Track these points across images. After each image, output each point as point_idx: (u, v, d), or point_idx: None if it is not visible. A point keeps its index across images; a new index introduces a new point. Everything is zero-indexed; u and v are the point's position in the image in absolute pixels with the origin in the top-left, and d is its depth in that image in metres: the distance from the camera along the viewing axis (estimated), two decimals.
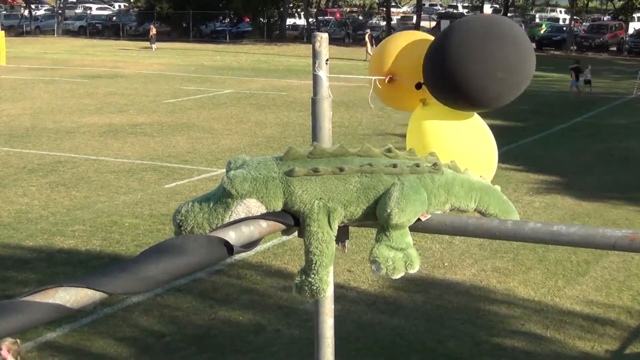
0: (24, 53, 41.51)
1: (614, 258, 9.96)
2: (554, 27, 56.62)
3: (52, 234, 10.61)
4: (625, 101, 26.83)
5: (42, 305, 1.64)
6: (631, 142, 18.52)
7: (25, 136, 17.79)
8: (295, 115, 21.57)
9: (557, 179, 14.61)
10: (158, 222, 11.15)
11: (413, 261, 2.39)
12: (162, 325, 7.91)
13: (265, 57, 43.12)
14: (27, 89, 26.61)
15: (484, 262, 9.86)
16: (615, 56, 47.29)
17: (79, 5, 74.28)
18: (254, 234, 2.24)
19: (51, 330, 7.57)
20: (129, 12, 66.21)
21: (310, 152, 2.41)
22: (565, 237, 2.21)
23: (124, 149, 16.57)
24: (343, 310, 8.02)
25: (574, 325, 8.11)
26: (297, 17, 62.71)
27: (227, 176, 2.33)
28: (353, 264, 9.45)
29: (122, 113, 21.63)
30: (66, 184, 13.35)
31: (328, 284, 2.39)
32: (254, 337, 7.67)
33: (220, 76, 32.15)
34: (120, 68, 34.85)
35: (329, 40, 2.73)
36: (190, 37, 56.25)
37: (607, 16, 67.99)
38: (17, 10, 67.92)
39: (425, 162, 2.50)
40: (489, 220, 2.37)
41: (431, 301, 8.63)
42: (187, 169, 14.71)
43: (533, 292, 8.96)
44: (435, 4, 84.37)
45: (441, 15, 65.40)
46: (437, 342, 7.67)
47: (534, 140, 17.37)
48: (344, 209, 2.37)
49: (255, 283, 9.06)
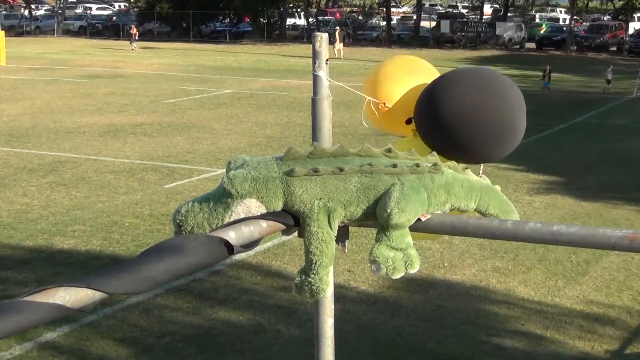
0: (24, 53, 41.52)
1: (614, 258, 9.96)
2: (554, 27, 56.68)
3: (52, 234, 10.61)
4: (625, 101, 26.84)
5: (42, 305, 1.64)
6: (631, 142, 18.53)
7: (25, 136, 17.80)
8: (295, 115, 21.57)
9: (557, 179, 14.61)
10: (158, 222, 11.15)
11: (413, 261, 2.39)
12: (162, 325, 7.91)
13: (265, 57, 43.13)
14: (27, 89, 26.62)
15: (484, 262, 9.87)
16: (615, 56, 47.29)
17: (79, 5, 74.31)
18: (254, 234, 2.24)
19: (51, 330, 7.58)
20: (129, 12, 66.22)
21: (310, 152, 2.41)
22: (565, 237, 2.21)
23: (124, 149, 16.58)
24: (343, 310, 8.02)
25: (574, 325, 8.11)
26: (297, 17, 62.75)
27: (227, 176, 2.33)
28: (353, 264, 9.45)
29: (122, 113, 21.64)
30: (66, 184, 13.36)
31: (328, 284, 2.39)
32: (254, 337, 7.67)
33: (220, 76, 32.16)
34: (120, 68, 34.86)
35: (329, 40, 2.73)
36: (190, 37, 56.27)
37: (607, 16, 68.02)
38: (17, 10, 67.93)
39: (425, 162, 2.50)
40: (489, 220, 2.37)
41: (431, 301, 8.63)
42: (187, 169, 14.72)
43: (533, 292, 8.96)
44: (435, 4, 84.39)
45: (441, 15, 65.42)
46: (437, 342, 7.67)
47: (534, 140, 17.37)
48: (344, 209, 2.37)
49: (255, 283, 9.06)
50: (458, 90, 2.74)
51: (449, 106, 2.70)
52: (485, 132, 2.70)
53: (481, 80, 2.81)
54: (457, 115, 2.68)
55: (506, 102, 2.76)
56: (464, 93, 2.72)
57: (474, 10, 69.12)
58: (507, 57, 43.86)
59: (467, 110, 2.68)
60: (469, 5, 73.16)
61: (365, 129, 19.95)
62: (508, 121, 2.75)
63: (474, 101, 2.69)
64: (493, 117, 2.71)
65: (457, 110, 2.69)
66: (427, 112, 2.78)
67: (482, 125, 2.69)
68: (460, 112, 2.68)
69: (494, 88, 2.78)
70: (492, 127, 2.71)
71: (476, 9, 67.22)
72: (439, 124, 2.71)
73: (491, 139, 2.74)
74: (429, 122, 2.78)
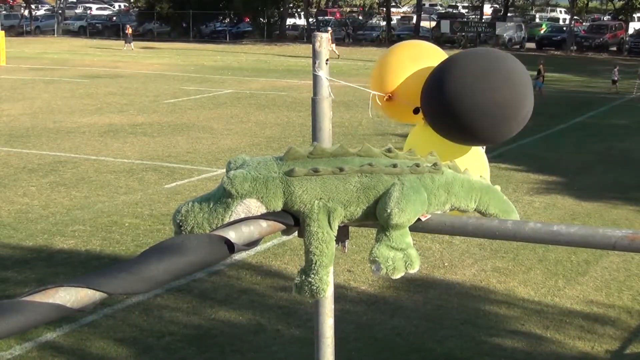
0: (24, 53, 41.52)
1: (614, 258, 9.96)
2: (554, 27, 56.68)
3: (52, 234, 10.61)
4: (625, 101, 26.84)
5: (42, 305, 1.64)
6: (631, 142, 18.53)
7: (25, 136, 17.79)
8: (295, 115, 21.57)
9: (557, 179, 14.61)
10: (158, 222, 11.15)
11: (413, 261, 2.39)
12: (162, 325, 7.91)
13: (265, 57, 43.13)
14: (27, 89, 26.62)
15: (484, 262, 9.86)
16: (615, 56, 47.28)
17: (79, 5, 74.34)
18: (254, 234, 2.24)
19: (51, 330, 7.57)
20: (129, 12, 66.24)
21: (310, 152, 2.41)
22: (565, 237, 2.21)
23: (124, 149, 16.58)
24: (343, 310, 8.02)
25: (574, 325, 8.11)
26: (297, 17, 62.75)
27: (227, 176, 2.33)
28: (353, 264, 9.45)
29: (122, 113, 21.64)
30: (66, 184, 13.36)
31: (328, 284, 2.39)
32: (254, 337, 7.67)
33: (220, 76, 32.16)
34: (120, 68, 34.86)
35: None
36: (190, 37, 56.28)
37: (607, 16, 68.03)
38: (17, 10, 67.93)
39: (425, 162, 2.50)
40: (489, 220, 2.37)
41: (431, 301, 8.63)
42: (187, 169, 14.72)
43: (533, 292, 8.96)
44: (435, 4, 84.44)
45: (441, 15, 65.43)
46: (437, 342, 7.67)
47: (533, 140, 17.37)
48: (344, 209, 2.37)
49: (255, 283, 9.06)
50: (460, 69, 2.73)
51: (452, 84, 2.68)
52: (489, 109, 2.68)
53: (485, 59, 2.80)
54: (460, 93, 2.67)
55: (510, 81, 2.74)
56: (467, 71, 2.71)
57: (474, 10, 69.15)
58: None
59: (470, 87, 2.67)
60: (469, 5, 73.16)
61: (365, 129, 19.88)
62: (512, 100, 2.73)
63: (476, 79, 2.68)
64: (496, 95, 2.69)
65: (460, 88, 2.67)
66: (431, 95, 2.77)
67: (485, 103, 2.68)
68: (463, 90, 2.67)
69: (497, 66, 2.76)
70: (496, 105, 2.69)
71: (476, 9, 67.25)
72: (443, 104, 2.70)
73: (495, 117, 2.71)
74: (433, 104, 2.77)
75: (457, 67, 2.75)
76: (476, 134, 2.76)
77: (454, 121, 2.73)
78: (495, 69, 2.75)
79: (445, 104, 2.71)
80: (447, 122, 2.77)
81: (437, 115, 2.79)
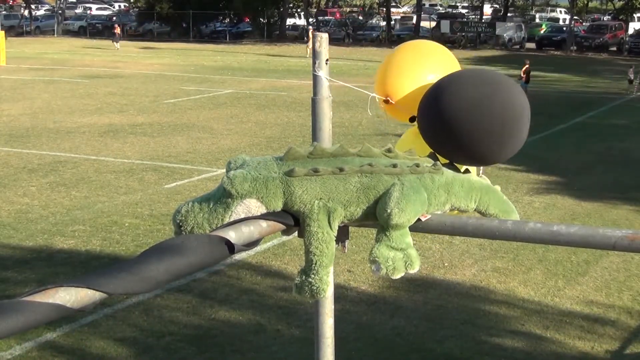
0: (24, 53, 41.52)
1: (614, 258, 9.96)
2: (554, 27, 56.69)
3: (52, 234, 10.61)
4: (625, 101, 26.84)
5: (42, 305, 1.64)
6: (631, 142, 18.54)
7: (25, 136, 17.80)
8: (295, 115, 21.57)
9: (557, 179, 14.61)
10: (158, 222, 11.15)
11: (413, 261, 2.39)
12: (162, 325, 7.91)
13: (265, 57, 43.14)
14: (27, 89, 26.62)
15: (484, 262, 9.86)
16: (615, 56, 47.30)
17: (79, 5, 74.36)
18: (254, 234, 2.24)
19: (51, 330, 7.57)
20: (129, 12, 66.24)
21: (310, 152, 2.41)
22: (565, 237, 2.21)
23: (124, 149, 16.58)
24: (343, 310, 8.02)
25: (574, 325, 8.11)
26: (297, 17, 62.76)
27: (227, 176, 2.33)
28: (353, 264, 9.45)
29: (122, 113, 21.64)
30: (66, 184, 13.36)
31: (328, 284, 2.39)
32: (254, 337, 7.67)
33: (220, 76, 32.16)
34: (120, 68, 34.87)
35: (328, 40, 2.72)
36: (190, 37, 56.28)
37: (607, 16, 68.03)
38: (17, 11, 67.93)
39: (425, 162, 2.50)
40: (489, 221, 2.37)
41: (431, 301, 8.63)
42: (187, 169, 14.72)
43: (533, 292, 8.96)
44: (435, 4, 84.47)
45: (441, 15, 65.43)
46: (437, 342, 7.67)
47: (533, 140, 17.36)
48: (344, 209, 2.37)
49: (255, 283, 9.06)
50: (459, 88, 2.70)
51: (449, 103, 2.66)
52: (484, 132, 2.66)
53: (484, 81, 2.77)
54: (456, 112, 2.64)
55: (508, 105, 2.71)
56: (464, 91, 2.69)
57: (474, 10, 69.17)
58: (507, 58, 43.82)
59: (467, 108, 2.64)
60: (469, 5, 73.19)
61: (365, 129, 19.87)
62: (508, 123, 2.70)
63: (474, 100, 2.66)
64: (493, 117, 2.67)
65: (457, 107, 2.65)
66: (428, 111, 2.75)
67: (480, 124, 2.65)
68: (459, 109, 2.65)
69: (497, 88, 2.73)
70: (491, 127, 2.66)
71: (476, 9, 67.26)
72: (438, 121, 2.68)
73: (490, 140, 2.69)
74: (429, 119, 2.75)
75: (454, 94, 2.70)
76: (469, 153, 2.73)
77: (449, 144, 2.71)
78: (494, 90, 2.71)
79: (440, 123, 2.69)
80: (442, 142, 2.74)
81: (432, 136, 2.77)
